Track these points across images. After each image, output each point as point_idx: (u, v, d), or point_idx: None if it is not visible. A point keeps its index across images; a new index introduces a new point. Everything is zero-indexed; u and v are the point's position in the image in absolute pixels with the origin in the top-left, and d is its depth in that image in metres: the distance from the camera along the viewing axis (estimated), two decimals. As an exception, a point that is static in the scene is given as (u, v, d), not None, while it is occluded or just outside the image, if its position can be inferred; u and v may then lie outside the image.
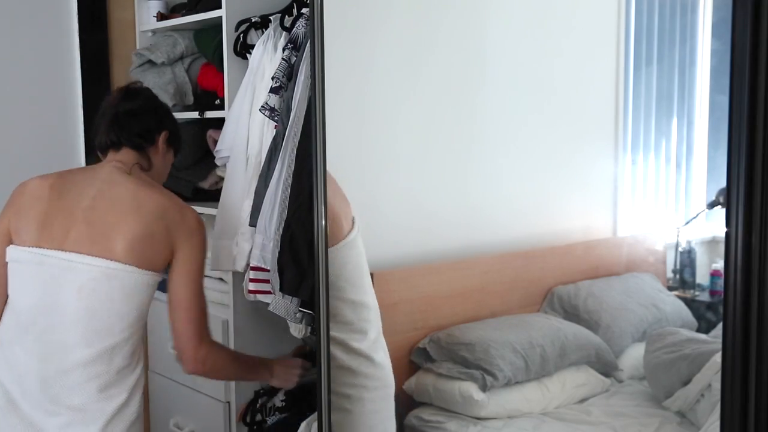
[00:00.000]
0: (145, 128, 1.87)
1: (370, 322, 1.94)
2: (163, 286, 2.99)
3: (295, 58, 2.11)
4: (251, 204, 2.21)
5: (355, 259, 1.93)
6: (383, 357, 1.95)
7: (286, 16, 2.26)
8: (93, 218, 1.71)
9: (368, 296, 1.93)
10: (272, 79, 2.15)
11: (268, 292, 2.14)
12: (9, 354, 1.72)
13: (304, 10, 2.15)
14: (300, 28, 2.12)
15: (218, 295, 2.66)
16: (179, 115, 2.75)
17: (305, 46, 2.05)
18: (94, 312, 1.67)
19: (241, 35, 2.43)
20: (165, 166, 1.98)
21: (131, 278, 1.71)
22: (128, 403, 1.72)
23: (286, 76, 2.12)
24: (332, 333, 1.88)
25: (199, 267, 1.81)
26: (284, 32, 2.22)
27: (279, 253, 1.99)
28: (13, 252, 1.74)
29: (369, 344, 1.91)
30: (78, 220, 1.71)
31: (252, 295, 2.24)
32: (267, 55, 2.25)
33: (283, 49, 2.16)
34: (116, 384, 1.70)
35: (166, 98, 2.67)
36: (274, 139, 2.14)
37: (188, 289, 1.78)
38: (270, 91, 2.16)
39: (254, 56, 2.31)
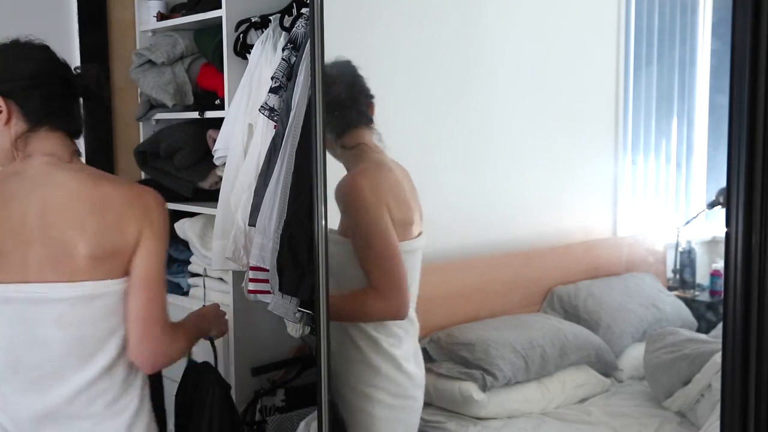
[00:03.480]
0: (77, 108, 1.60)
1: (408, 332, 1.91)
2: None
3: (294, 58, 2.11)
4: (249, 203, 2.21)
5: (413, 266, 1.90)
6: (414, 369, 1.92)
7: (286, 16, 2.26)
8: (47, 237, 1.49)
9: (411, 309, 1.90)
10: (272, 79, 2.15)
11: (268, 292, 2.14)
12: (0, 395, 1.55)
13: (303, 10, 2.16)
14: (300, 28, 2.12)
15: (218, 295, 2.66)
16: (179, 115, 2.75)
17: (305, 46, 2.06)
18: (82, 339, 1.53)
19: (241, 35, 2.43)
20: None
21: (111, 292, 1.53)
22: (141, 407, 1.62)
23: (286, 76, 2.12)
24: (367, 329, 1.86)
25: (161, 245, 1.58)
26: (284, 32, 2.22)
27: (278, 252, 1.99)
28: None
29: (401, 352, 1.88)
30: (31, 242, 1.48)
31: (252, 294, 2.25)
32: (266, 55, 2.26)
33: (283, 49, 2.16)
34: (124, 394, 1.59)
35: (166, 98, 2.68)
36: (274, 139, 2.15)
37: (152, 270, 1.56)
38: (270, 91, 2.16)
39: (253, 56, 2.31)
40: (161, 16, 2.83)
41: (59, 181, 1.52)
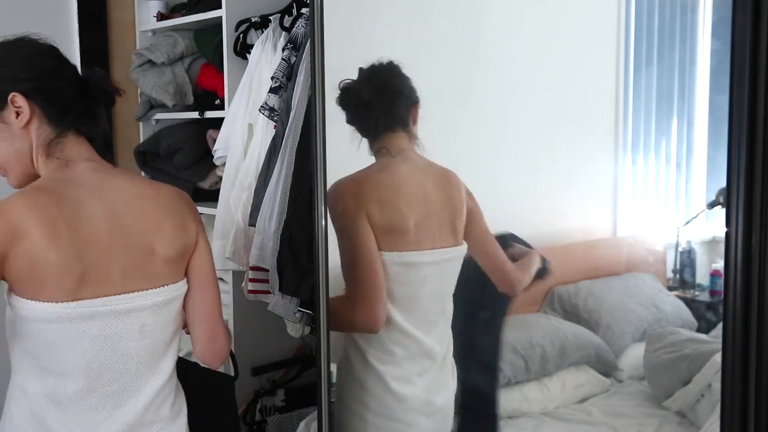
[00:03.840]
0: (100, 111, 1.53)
1: (408, 350, 1.80)
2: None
3: (294, 58, 2.11)
4: (249, 203, 2.22)
5: (414, 280, 1.80)
6: (413, 391, 1.79)
7: (286, 16, 2.27)
8: (128, 244, 1.42)
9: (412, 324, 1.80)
10: (272, 79, 2.16)
11: (268, 292, 2.14)
12: (70, 417, 1.42)
13: (303, 10, 2.16)
14: (300, 28, 2.13)
15: (218, 295, 2.66)
16: (179, 115, 2.75)
17: (305, 46, 2.06)
18: (155, 345, 1.47)
19: (241, 35, 2.43)
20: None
21: (182, 294, 1.51)
22: (185, 406, 1.58)
23: (286, 76, 2.13)
24: (356, 338, 1.78)
25: (207, 240, 1.59)
26: (284, 32, 2.22)
27: (278, 252, 1.99)
28: (40, 310, 1.35)
29: (394, 370, 1.77)
30: (113, 250, 1.40)
31: (252, 295, 2.25)
32: (266, 55, 2.26)
33: (283, 49, 2.17)
34: (179, 395, 1.56)
35: (166, 98, 2.68)
36: (274, 138, 2.15)
37: (211, 267, 1.55)
38: (270, 91, 2.16)
39: (253, 56, 2.32)
40: (161, 16, 2.83)
41: (119, 185, 1.45)
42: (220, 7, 2.48)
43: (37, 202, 1.34)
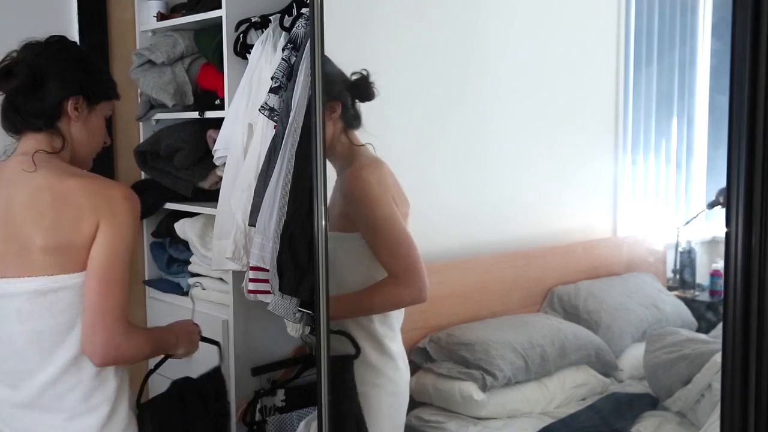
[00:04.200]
0: (38, 108, 1.61)
1: (396, 318, 1.97)
2: (164, 286, 2.98)
3: (294, 58, 2.11)
4: (249, 203, 2.21)
5: None
6: (403, 365, 1.95)
7: (286, 16, 2.26)
8: (9, 232, 1.55)
9: None
10: (272, 79, 2.15)
11: (268, 292, 2.14)
12: None
13: (303, 10, 2.15)
14: (300, 28, 2.12)
15: (218, 295, 2.66)
16: (179, 115, 2.75)
17: (305, 46, 2.05)
18: (40, 333, 1.56)
19: (241, 35, 2.43)
20: (89, 132, 1.68)
21: (67, 286, 1.56)
22: (116, 407, 1.62)
23: (286, 76, 2.12)
24: (375, 328, 1.89)
25: (122, 237, 1.57)
26: (284, 32, 2.22)
27: (278, 253, 1.99)
28: None
29: (397, 346, 1.92)
30: None
31: (252, 295, 2.24)
32: (266, 55, 2.25)
33: (283, 49, 2.16)
34: (96, 392, 1.60)
35: (166, 98, 2.68)
36: (274, 139, 2.15)
37: (106, 261, 1.55)
38: (270, 91, 2.16)
39: (253, 56, 2.31)
40: (161, 16, 2.83)
41: (26, 179, 1.56)
42: (220, 7, 2.48)
43: None
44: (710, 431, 1.78)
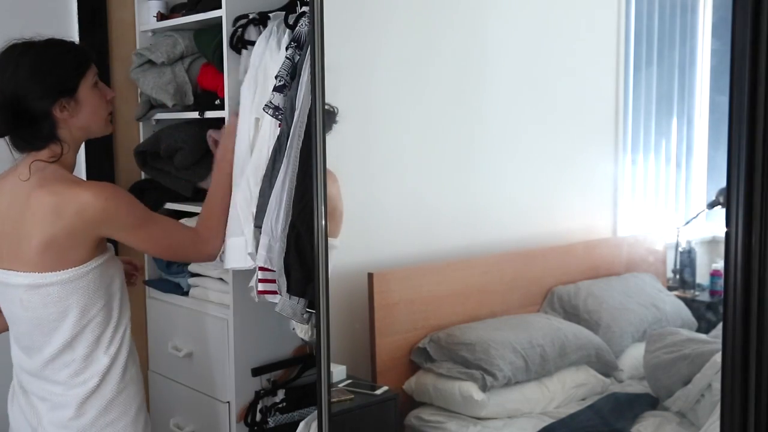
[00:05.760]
0: (29, 134, 1.82)
1: None
2: (164, 286, 2.98)
3: (298, 57, 2.10)
4: (255, 203, 2.20)
5: None
6: None
7: (290, 15, 2.26)
8: (12, 231, 1.79)
9: None
10: (276, 78, 2.15)
11: (277, 293, 2.13)
12: (14, 351, 1.97)
13: (306, 8, 2.15)
14: (303, 26, 2.12)
15: (218, 295, 2.66)
16: (179, 115, 2.75)
17: (308, 45, 2.06)
18: (39, 319, 1.83)
19: (239, 29, 2.42)
20: (87, 113, 1.86)
21: (53, 282, 1.79)
22: (101, 386, 1.88)
23: (290, 75, 2.12)
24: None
25: (138, 220, 1.89)
26: (288, 30, 2.21)
27: (285, 253, 1.99)
28: None
29: None
30: (4, 234, 1.82)
31: (260, 296, 2.23)
32: (270, 51, 2.25)
33: (287, 48, 2.16)
34: (85, 370, 1.87)
35: (166, 98, 2.68)
36: (279, 138, 2.14)
37: (147, 241, 1.93)
38: (274, 90, 2.15)
39: (255, 53, 2.31)
40: (161, 16, 2.83)
41: (17, 189, 1.79)
42: (220, 7, 2.48)
43: None
44: (710, 431, 1.78)
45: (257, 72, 2.28)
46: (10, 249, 1.81)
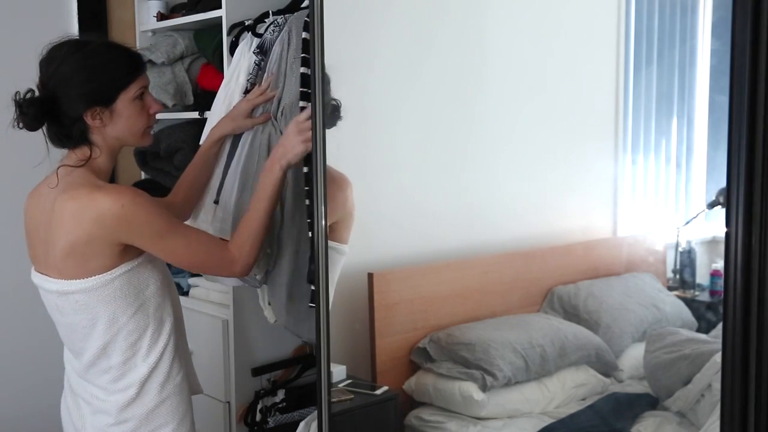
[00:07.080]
0: (59, 132, 1.77)
1: None
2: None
3: (263, 63, 2.20)
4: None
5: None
6: None
7: (258, 24, 2.32)
8: (41, 237, 1.77)
9: None
10: (247, 80, 2.24)
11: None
12: (66, 350, 1.92)
13: (278, 18, 2.21)
14: (269, 34, 2.21)
15: (218, 296, 2.66)
16: (179, 115, 2.75)
17: (271, 50, 2.16)
18: (73, 325, 1.79)
19: (234, 38, 2.44)
20: (123, 124, 1.78)
21: (77, 290, 1.73)
22: (141, 395, 1.80)
23: (255, 79, 2.23)
24: None
25: (158, 230, 1.73)
26: (255, 38, 2.27)
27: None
28: (32, 276, 1.86)
29: None
30: (37, 239, 1.80)
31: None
32: (244, 58, 2.32)
33: (255, 53, 2.22)
34: (123, 377, 1.80)
35: (166, 98, 2.68)
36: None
37: (167, 253, 1.77)
38: (243, 93, 2.23)
39: (235, 57, 2.36)
40: (161, 16, 2.83)
41: (45, 194, 1.77)
42: (220, 7, 2.48)
43: (29, 195, 1.87)
44: (710, 431, 1.78)
45: (231, 77, 2.32)
46: (44, 254, 1.79)
